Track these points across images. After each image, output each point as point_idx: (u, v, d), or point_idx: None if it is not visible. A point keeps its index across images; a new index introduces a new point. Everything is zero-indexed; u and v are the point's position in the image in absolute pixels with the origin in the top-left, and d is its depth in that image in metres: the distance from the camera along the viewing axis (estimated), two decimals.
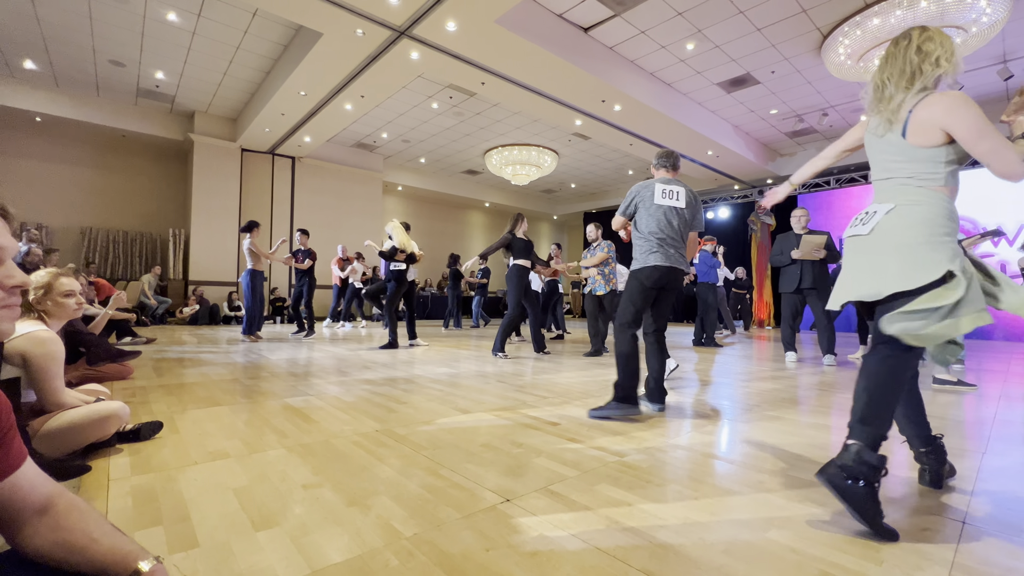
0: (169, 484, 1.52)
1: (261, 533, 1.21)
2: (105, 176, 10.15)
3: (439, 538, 1.21)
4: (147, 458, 1.76)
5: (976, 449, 2.05)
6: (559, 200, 17.04)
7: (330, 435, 2.09)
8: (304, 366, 4.14)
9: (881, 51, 6.08)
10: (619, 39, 6.81)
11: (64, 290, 1.96)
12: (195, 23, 6.63)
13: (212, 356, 4.68)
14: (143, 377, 3.42)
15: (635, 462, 1.81)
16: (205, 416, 2.37)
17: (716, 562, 1.12)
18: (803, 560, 1.14)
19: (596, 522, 1.31)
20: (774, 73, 7.60)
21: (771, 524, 1.32)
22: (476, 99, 8.79)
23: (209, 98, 9.15)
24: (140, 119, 9.53)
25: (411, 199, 15.13)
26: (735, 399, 3.03)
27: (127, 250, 10.29)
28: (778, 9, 6.00)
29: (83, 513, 0.84)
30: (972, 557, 1.16)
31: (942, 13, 5.43)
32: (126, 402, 2.49)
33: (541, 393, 3.12)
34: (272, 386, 3.19)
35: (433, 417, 2.44)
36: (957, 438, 2.22)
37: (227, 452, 1.83)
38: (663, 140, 9.44)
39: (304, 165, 11.43)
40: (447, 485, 1.55)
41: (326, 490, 1.49)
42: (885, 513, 1.26)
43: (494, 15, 5.51)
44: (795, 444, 2.07)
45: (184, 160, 10.93)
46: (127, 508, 1.35)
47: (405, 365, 4.32)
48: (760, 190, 12.53)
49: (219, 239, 10.18)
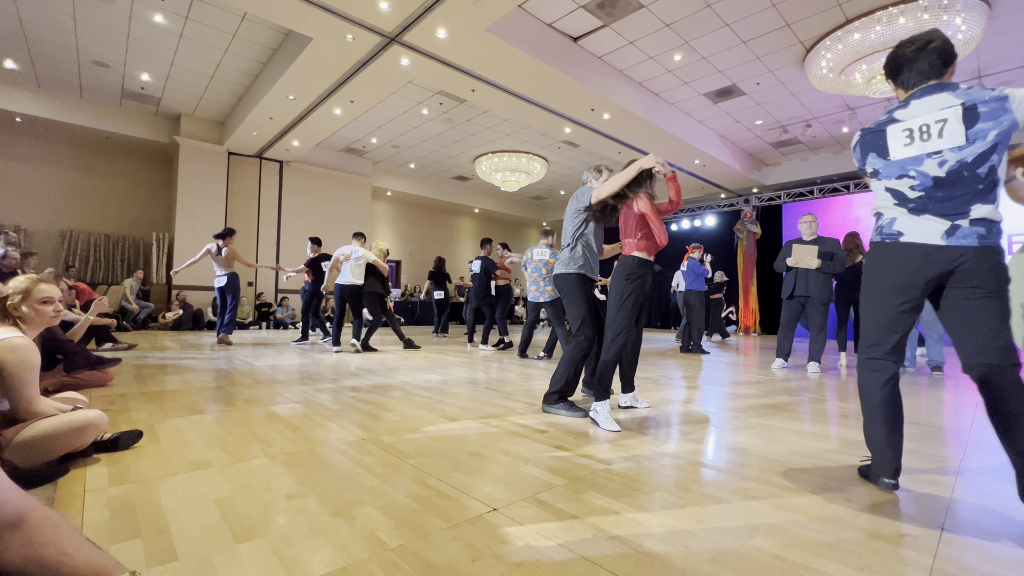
0: (148, 495, 1.48)
1: (243, 545, 1.19)
2: (87, 178, 9.95)
3: (425, 549, 1.20)
4: (125, 468, 1.72)
5: (954, 456, 2.09)
6: (548, 207, 17.12)
7: (315, 444, 2.06)
8: (290, 373, 4.09)
9: (862, 65, 6.25)
10: (608, 49, 6.90)
11: (42, 296, 1.92)
12: (182, 25, 6.57)
13: (195, 362, 4.59)
14: (123, 384, 3.34)
15: (622, 470, 1.81)
16: (187, 424, 2.33)
17: (702, 570, 1.12)
18: (788, 567, 1.15)
19: (583, 531, 1.31)
20: (759, 85, 7.76)
21: (756, 531, 1.33)
22: (466, 106, 8.82)
23: (196, 101, 9.05)
24: (124, 121, 9.38)
25: (400, 204, 15.09)
26: (721, 406, 3.06)
27: (109, 254, 10.08)
28: (763, 23, 6.14)
29: (57, 527, 0.82)
30: (950, 563, 1.18)
31: (919, 29, 5.60)
32: (105, 410, 2.44)
33: (529, 400, 3.11)
34: (256, 393, 3.14)
35: (420, 425, 2.42)
36: (936, 444, 2.26)
37: (209, 462, 1.80)
38: (651, 148, 9.55)
39: (292, 169, 11.34)
40: (433, 494, 1.54)
41: (310, 500, 1.47)
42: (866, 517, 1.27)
43: (485, 23, 5.54)
44: (780, 451, 2.09)
45: (169, 163, 10.78)
46: (104, 520, 1.31)
47: (393, 372, 4.29)
48: (746, 198, 12.73)
49: (204, 243, 9.96)
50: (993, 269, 1.46)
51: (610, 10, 5.99)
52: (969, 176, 1.46)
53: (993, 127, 1.42)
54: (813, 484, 1.70)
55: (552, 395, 2.79)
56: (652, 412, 2.82)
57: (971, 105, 1.45)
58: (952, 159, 1.48)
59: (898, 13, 5.54)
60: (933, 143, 1.50)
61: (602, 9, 5.98)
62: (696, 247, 7.41)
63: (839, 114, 8.78)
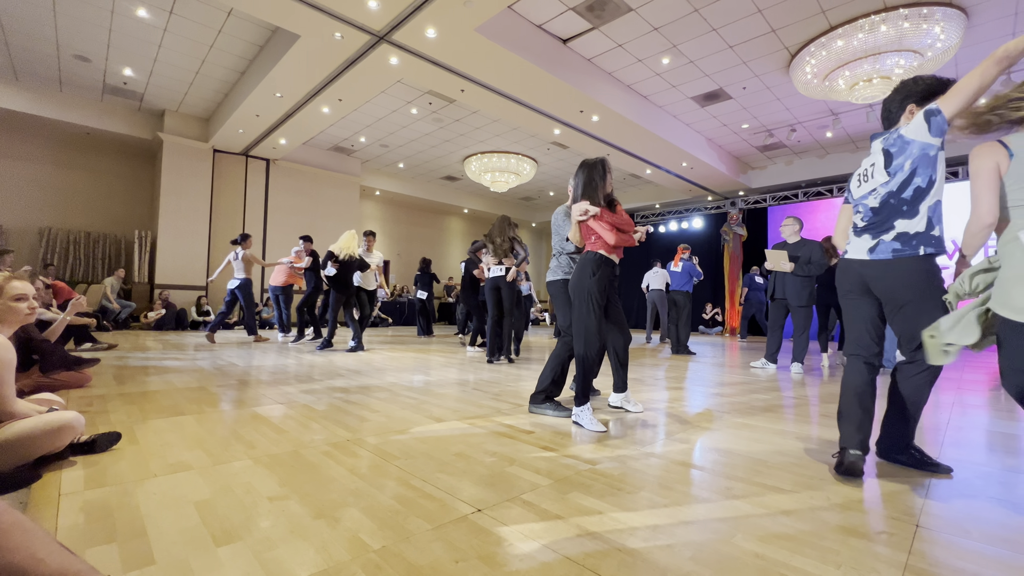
0: (125, 498, 1.46)
1: (222, 548, 1.17)
2: (67, 174, 9.73)
3: (408, 550, 1.19)
4: (102, 471, 1.68)
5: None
6: (538, 207, 17.16)
7: (299, 445, 2.04)
8: (275, 373, 4.04)
9: (845, 71, 6.37)
10: (597, 51, 6.94)
11: (15, 293, 1.87)
12: (167, 20, 6.46)
13: (178, 363, 4.52)
14: (102, 385, 3.27)
15: (607, 470, 1.82)
16: (167, 426, 2.29)
17: (683, 569, 1.14)
18: (767, 565, 1.16)
19: (567, 531, 1.32)
20: (745, 89, 7.86)
21: (737, 529, 1.35)
22: (455, 106, 8.80)
23: (180, 97, 8.90)
24: (106, 116, 9.19)
25: (389, 204, 15.00)
26: (706, 406, 3.09)
27: (89, 252, 9.86)
28: (749, 28, 6.22)
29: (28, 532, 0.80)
30: (923, 559, 1.21)
31: (900, 38, 5.73)
32: (82, 412, 2.39)
33: (517, 401, 3.12)
34: (241, 394, 3.10)
35: (406, 426, 2.41)
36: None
37: (189, 464, 1.77)
38: (639, 151, 9.63)
39: (279, 167, 11.21)
40: (418, 496, 1.53)
41: (293, 502, 1.45)
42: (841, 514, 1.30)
43: (474, 23, 5.54)
44: (762, 451, 2.12)
45: (152, 160, 10.58)
46: (79, 525, 1.29)
47: (380, 373, 4.26)
48: (732, 201, 12.88)
49: (188, 241, 9.87)
50: (903, 277, 1.76)
51: (599, 13, 6.02)
52: (895, 202, 1.80)
53: (905, 158, 1.76)
54: (794, 483, 1.73)
55: (539, 395, 2.81)
56: (641, 412, 2.84)
57: (886, 148, 1.83)
58: (882, 192, 1.84)
59: (880, 21, 5.66)
60: (870, 183, 1.89)
61: (591, 12, 6.01)
62: (684, 248, 7.51)
63: (823, 119, 8.93)
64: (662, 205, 14.35)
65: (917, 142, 1.74)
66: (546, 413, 2.73)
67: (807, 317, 4.92)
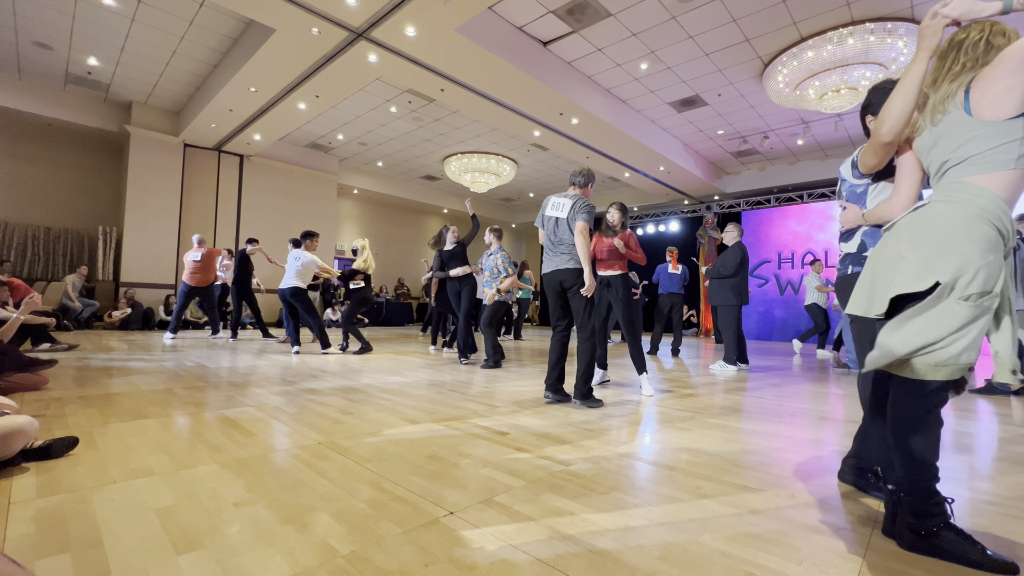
0: (81, 506, 1.40)
1: (184, 557, 1.14)
2: (25, 167, 9.28)
3: (377, 555, 1.18)
4: (57, 478, 1.61)
5: None
6: (518, 209, 17.18)
7: (268, 449, 1.99)
8: (245, 375, 3.94)
9: (815, 82, 6.58)
10: (577, 55, 7.00)
11: None
12: (135, 8, 6.23)
13: (143, 364, 4.36)
14: (60, 387, 3.13)
15: (580, 471, 1.84)
16: (129, 430, 2.20)
17: (652, 568, 1.15)
18: (732, 562, 1.19)
19: (538, 532, 1.32)
20: (720, 96, 8.04)
21: (705, 528, 1.37)
22: (435, 105, 8.75)
23: (149, 89, 8.60)
24: (68, 107, 8.80)
25: (367, 203, 14.80)
26: (680, 407, 3.15)
27: (49, 248, 9.43)
28: (724, 37, 6.37)
29: None
30: (880, 554, 1.26)
31: (866, 50, 5.95)
32: (37, 416, 2.29)
33: (493, 403, 3.11)
34: (209, 397, 3.01)
35: (380, 428, 2.38)
36: None
37: (151, 469, 1.71)
38: (618, 154, 9.74)
39: (253, 164, 10.94)
40: (390, 499, 1.51)
41: (260, 507, 1.42)
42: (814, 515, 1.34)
43: (454, 23, 5.52)
44: (732, 451, 2.17)
45: (119, 153, 10.19)
46: (29, 535, 1.23)
47: (355, 374, 4.20)
48: (708, 205, 13.16)
49: (156, 238, 9.53)
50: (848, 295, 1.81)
51: (579, 16, 6.08)
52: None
53: (843, 188, 1.88)
54: (761, 481, 1.77)
55: (586, 390, 3.07)
56: (615, 412, 2.87)
57: (842, 173, 1.90)
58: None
59: (848, 34, 5.87)
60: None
61: (571, 15, 6.06)
62: (669, 250, 7.70)
63: (794, 127, 9.20)
64: (640, 208, 14.56)
65: (847, 181, 1.83)
66: (595, 407, 3.04)
67: (731, 317, 5.38)
